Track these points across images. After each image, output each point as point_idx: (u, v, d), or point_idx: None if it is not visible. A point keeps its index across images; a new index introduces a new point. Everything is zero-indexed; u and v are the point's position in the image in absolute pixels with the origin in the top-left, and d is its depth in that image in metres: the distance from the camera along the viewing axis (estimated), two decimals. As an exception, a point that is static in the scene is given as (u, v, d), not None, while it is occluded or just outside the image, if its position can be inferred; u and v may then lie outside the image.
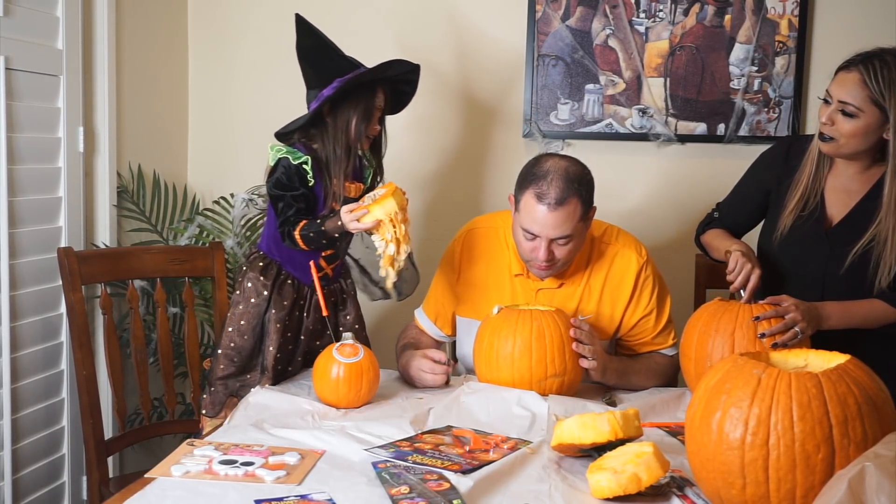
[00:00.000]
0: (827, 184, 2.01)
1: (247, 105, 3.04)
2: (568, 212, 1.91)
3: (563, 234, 1.93)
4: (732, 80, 2.70)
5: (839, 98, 1.86)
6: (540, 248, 1.94)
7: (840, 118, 1.87)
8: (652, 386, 2.06)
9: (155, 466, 1.50)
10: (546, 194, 1.91)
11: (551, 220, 1.91)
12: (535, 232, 1.94)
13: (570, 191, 1.91)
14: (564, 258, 1.98)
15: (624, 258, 2.08)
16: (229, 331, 2.09)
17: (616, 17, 2.74)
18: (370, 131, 2.07)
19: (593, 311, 2.07)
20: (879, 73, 1.81)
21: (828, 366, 1.33)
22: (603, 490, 1.36)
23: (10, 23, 2.14)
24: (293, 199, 2.00)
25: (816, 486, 1.20)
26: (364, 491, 1.40)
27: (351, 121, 2.04)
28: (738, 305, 1.86)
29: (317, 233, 1.95)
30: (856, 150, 1.91)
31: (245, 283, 2.09)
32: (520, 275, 2.10)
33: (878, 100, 1.82)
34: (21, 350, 2.23)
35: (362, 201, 1.91)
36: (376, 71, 2.04)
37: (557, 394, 1.89)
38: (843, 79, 1.87)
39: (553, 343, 1.88)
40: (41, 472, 2.33)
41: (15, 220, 2.19)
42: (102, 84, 2.54)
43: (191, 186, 3.06)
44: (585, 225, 2.00)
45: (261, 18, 3.00)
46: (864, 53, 1.86)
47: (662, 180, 2.81)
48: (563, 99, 2.79)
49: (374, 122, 2.08)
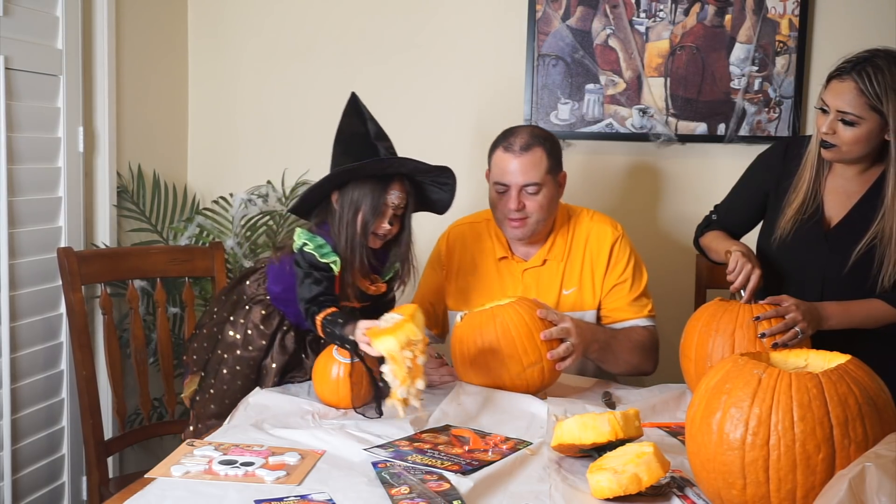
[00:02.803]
0: (826, 185, 2.01)
1: (247, 105, 3.04)
2: (534, 159, 2.06)
3: (531, 180, 2.06)
4: (733, 80, 2.70)
5: (837, 108, 1.86)
6: (511, 198, 2.06)
7: (841, 127, 1.87)
8: (636, 360, 2.11)
9: (155, 467, 1.50)
10: (512, 144, 2.08)
11: (518, 165, 2.06)
12: (506, 181, 2.07)
13: (535, 141, 2.08)
14: (535, 212, 2.08)
15: (601, 232, 2.19)
16: (223, 372, 1.99)
17: (616, 17, 2.74)
18: (377, 228, 1.86)
19: (575, 284, 2.16)
20: (874, 78, 1.81)
21: (828, 366, 1.33)
22: (603, 490, 1.36)
23: (10, 23, 2.14)
24: (322, 277, 1.85)
25: (817, 486, 1.20)
26: (364, 491, 1.40)
27: (357, 213, 1.85)
28: (738, 305, 1.86)
29: (332, 332, 1.79)
30: (858, 154, 1.91)
31: (245, 328, 1.99)
32: (504, 258, 2.20)
33: (876, 105, 1.82)
34: (21, 350, 2.23)
35: (377, 324, 1.68)
36: (371, 166, 1.83)
37: (542, 381, 1.89)
38: (838, 88, 1.86)
39: (520, 334, 1.86)
40: (41, 473, 2.33)
41: (15, 220, 2.19)
42: (102, 84, 2.54)
43: (190, 186, 3.06)
44: (555, 182, 2.12)
45: (261, 18, 3.00)
46: (854, 60, 1.85)
47: (662, 180, 2.81)
48: (563, 99, 2.79)
49: (384, 219, 1.86)
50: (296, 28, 2.98)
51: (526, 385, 1.88)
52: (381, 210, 1.86)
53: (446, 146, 2.89)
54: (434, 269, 2.28)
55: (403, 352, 1.57)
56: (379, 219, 1.86)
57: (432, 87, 2.91)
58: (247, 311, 2.02)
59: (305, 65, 2.98)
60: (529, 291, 2.18)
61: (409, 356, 1.58)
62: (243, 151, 3.02)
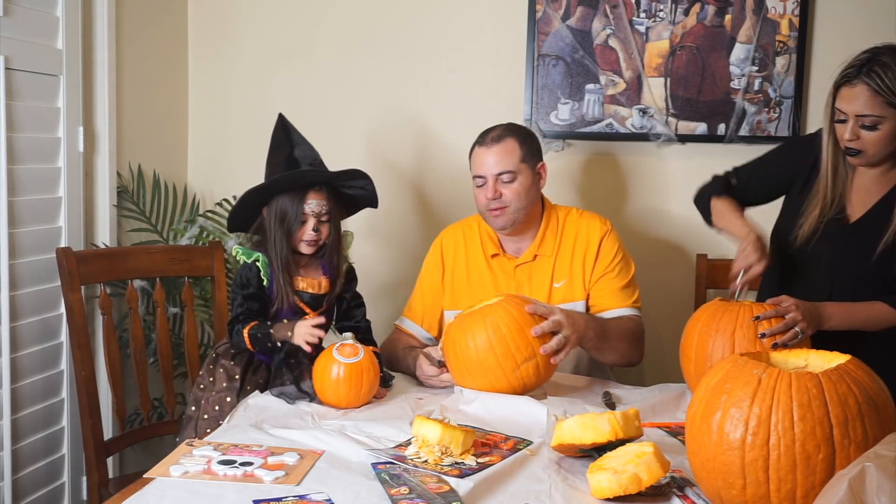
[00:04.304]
0: (852, 185, 2.01)
1: (247, 105, 3.04)
2: (506, 148, 2.16)
3: (505, 168, 2.14)
4: (733, 80, 2.70)
5: (855, 113, 1.86)
6: (488, 188, 2.15)
7: (863, 132, 1.87)
8: (627, 349, 2.13)
9: (154, 467, 1.50)
10: (485, 138, 2.19)
11: (490, 155, 2.15)
12: (482, 173, 2.17)
13: (506, 133, 2.18)
14: (513, 200, 2.15)
15: (590, 227, 2.25)
16: (205, 418, 2.01)
17: (616, 17, 2.74)
18: (302, 235, 2.00)
19: (566, 277, 2.21)
20: (885, 76, 1.81)
21: (828, 366, 1.33)
22: (603, 490, 1.36)
23: (10, 23, 2.14)
24: (244, 299, 2.00)
25: (817, 486, 1.20)
26: (363, 491, 1.40)
27: (283, 223, 1.99)
28: (738, 305, 1.85)
29: (264, 335, 1.96)
30: (885, 154, 1.91)
31: (217, 370, 2.05)
32: (496, 255, 2.26)
33: (892, 101, 1.82)
34: (21, 350, 2.23)
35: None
36: (280, 182, 1.98)
37: (538, 376, 1.88)
38: (851, 94, 1.86)
39: (511, 331, 1.86)
40: (41, 473, 2.33)
41: (15, 220, 2.19)
42: (102, 84, 2.54)
43: (191, 187, 3.06)
44: (532, 171, 2.18)
45: (261, 18, 3.00)
46: (858, 63, 1.85)
47: (662, 180, 2.80)
48: (563, 99, 2.78)
49: (306, 227, 1.99)
50: (296, 28, 2.98)
51: (522, 382, 1.87)
52: (303, 218, 1.99)
53: (446, 146, 2.89)
54: (430, 273, 2.32)
55: (436, 445, 1.53)
56: (301, 227, 2.00)
57: (432, 87, 2.91)
58: (217, 357, 2.08)
59: (305, 65, 2.98)
60: (522, 287, 2.21)
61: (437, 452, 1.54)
62: (243, 151, 3.02)
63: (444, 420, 1.58)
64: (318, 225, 2.01)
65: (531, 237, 2.24)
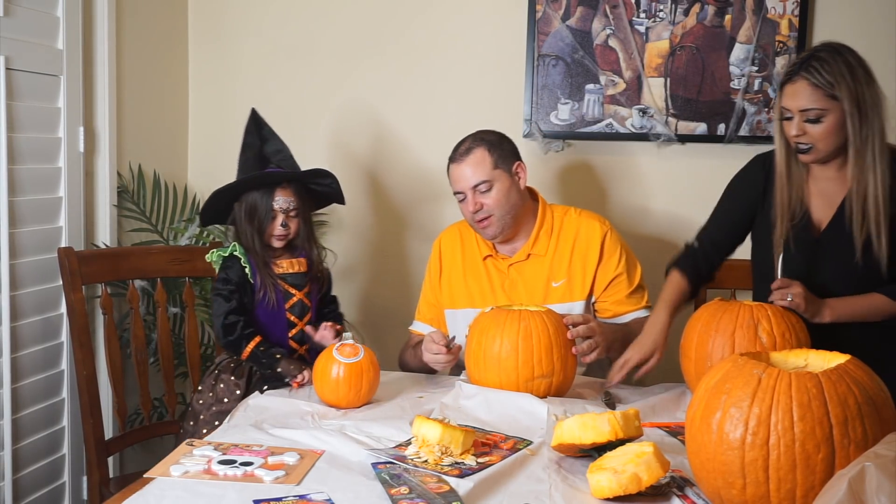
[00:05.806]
0: (809, 191, 2.01)
1: (247, 105, 2.99)
2: (475, 159, 2.17)
3: (479, 179, 2.16)
4: (733, 80, 2.70)
5: (799, 108, 1.89)
6: (469, 202, 2.17)
7: (808, 126, 1.89)
8: None
9: (154, 466, 1.50)
10: (456, 152, 2.22)
11: (463, 169, 2.18)
12: (459, 188, 2.19)
13: (474, 143, 2.20)
14: (495, 208, 2.16)
15: (588, 227, 2.25)
16: (203, 432, 2.00)
17: (616, 17, 2.74)
18: (272, 230, 2.10)
19: (564, 276, 2.21)
20: (822, 70, 1.85)
21: (828, 366, 1.33)
22: (603, 490, 1.36)
23: (10, 23, 2.14)
24: (230, 293, 2.07)
25: (817, 486, 1.20)
26: (363, 491, 1.40)
27: (252, 219, 2.09)
28: (738, 305, 1.86)
29: (268, 361, 2.01)
30: (834, 148, 1.92)
31: (218, 384, 2.09)
32: (489, 255, 2.28)
33: (832, 93, 1.85)
34: (21, 350, 2.23)
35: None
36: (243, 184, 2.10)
37: (545, 395, 1.89)
38: (793, 90, 1.89)
39: (540, 344, 1.87)
40: (41, 472, 2.33)
41: (15, 220, 2.19)
42: (102, 84, 2.54)
43: (191, 186, 3.06)
44: (508, 174, 2.19)
45: (261, 18, 3.00)
46: (799, 61, 1.90)
47: (662, 180, 2.80)
48: (563, 99, 2.79)
49: (275, 222, 2.09)
50: (296, 28, 2.98)
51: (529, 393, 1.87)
52: (272, 214, 2.09)
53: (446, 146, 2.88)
54: (431, 274, 2.37)
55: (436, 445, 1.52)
56: (271, 222, 2.09)
57: (432, 86, 2.91)
58: (218, 373, 2.11)
59: (305, 65, 2.98)
60: (515, 285, 2.23)
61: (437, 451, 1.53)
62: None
63: (444, 420, 1.58)
64: (287, 220, 2.11)
65: (525, 236, 2.26)
